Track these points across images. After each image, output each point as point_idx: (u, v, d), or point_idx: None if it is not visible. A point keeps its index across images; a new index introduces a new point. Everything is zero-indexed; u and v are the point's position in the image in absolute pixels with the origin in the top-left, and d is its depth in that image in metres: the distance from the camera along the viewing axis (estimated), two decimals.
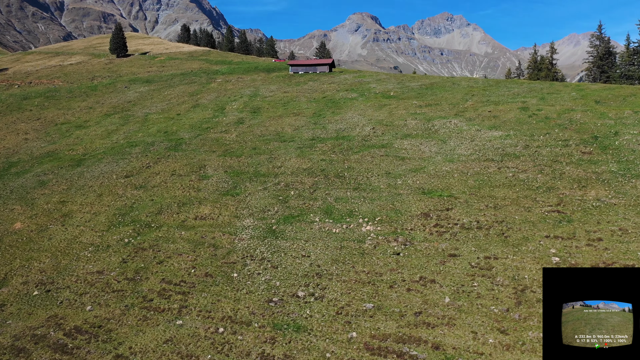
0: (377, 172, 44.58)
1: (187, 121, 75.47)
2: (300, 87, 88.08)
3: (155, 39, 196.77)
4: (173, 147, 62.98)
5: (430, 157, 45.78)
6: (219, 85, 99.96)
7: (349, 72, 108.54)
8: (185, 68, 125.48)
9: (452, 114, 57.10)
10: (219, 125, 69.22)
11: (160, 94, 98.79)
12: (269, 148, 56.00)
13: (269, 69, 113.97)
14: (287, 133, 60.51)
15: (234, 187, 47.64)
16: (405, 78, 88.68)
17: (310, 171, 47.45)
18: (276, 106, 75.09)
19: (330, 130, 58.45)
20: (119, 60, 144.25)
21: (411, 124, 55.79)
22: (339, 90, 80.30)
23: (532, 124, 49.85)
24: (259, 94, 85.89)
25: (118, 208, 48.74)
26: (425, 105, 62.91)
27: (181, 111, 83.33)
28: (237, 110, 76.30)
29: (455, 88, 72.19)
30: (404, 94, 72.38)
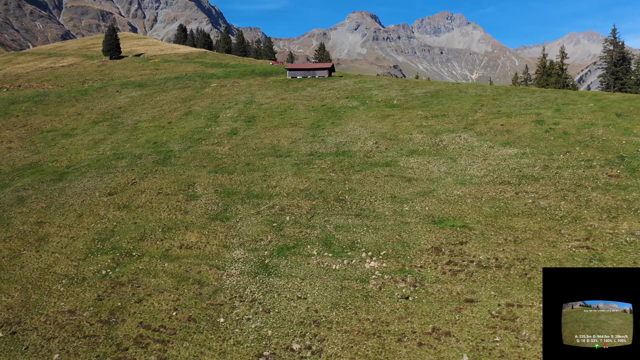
0: (382, 195, 40.50)
1: (178, 131, 71.32)
2: (298, 93, 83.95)
3: (151, 39, 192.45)
4: (161, 161, 58.87)
5: (440, 179, 41.70)
6: (214, 90, 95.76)
7: (349, 76, 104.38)
8: (179, 71, 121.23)
9: (461, 127, 53.01)
10: (212, 136, 65.09)
11: (152, 100, 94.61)
12: (264, 164, 51.91)
13: (266, 72, 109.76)
14: (284, 147, 56.41)
15: (224, 210, 43.53)
16: (409, 84, 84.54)
17: (307, 193, 43.36)
18: (272, 115, 70.95)
19: (330, 144, 54.36)
20: (112, 63, 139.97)
21: (417, 139, 51.70)
22: (339, 98, 76.16)
23: (549, 141, 45.77)
24: (255, 101, 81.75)
25: (98, 232, 44.63)
26: (432, 116, 58.81)
27: (173, 119, 79.18)
28: (231, 119, 72.16)
29: (463, 96, 68.09)
30: (407, 102, 68.26)
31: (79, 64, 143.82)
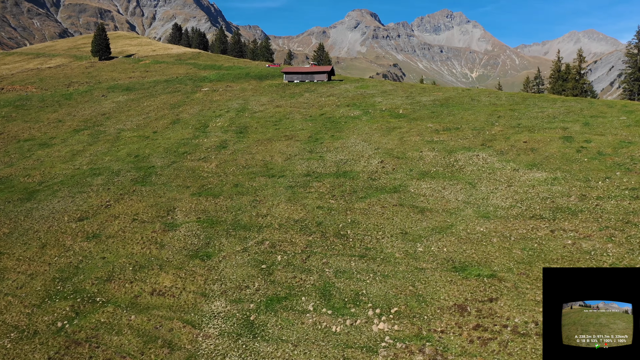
0: (390, 230, 34.33)
1: (162, 142, 65.09)
2: (295, 99, 77.68)
3: (144, 39, 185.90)
4: (141, 179, 52.66)
5: (458, 210, 35.52)
6: (205, 95, 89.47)
7: (350, 80, 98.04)
8: (170, 73, 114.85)
9: (477, 144, 46.81)
10: (198, 150, 58.86)
11: (139, 105, 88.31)
12: (254, 186, 45.70)
13: (262, 75, 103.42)
14: (277, 164, 50.21)
15: (205, 244, 37.35)
16: (415, 90, 78.25)
17: (303, 225, 37.17)
18: (266, 125, 64.72)
19: (329, 163, 48.15)
20: (100, 64, 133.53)
21: (428, 157, 45.50)
22: (339, 106, 69.90)
23: (583, 163, 39.59)
24: (248, 108, 75.48)
25: (61, 268, 38.45)
26: (443, 129, 52.60)
27: (158, 128, 72.92)
28: (221, 129, 65.91)
29: (476, 105, 61.89)
30: (415, 112, 62.04)
31: (66, 65, 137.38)
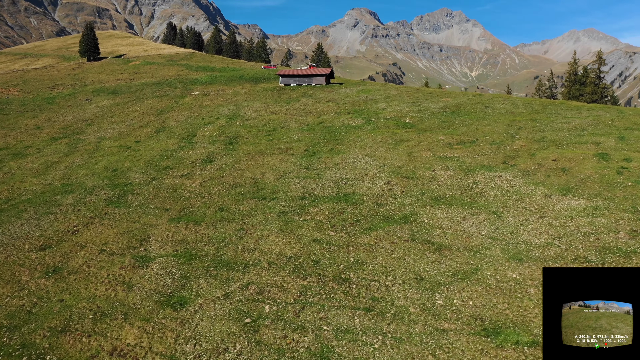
0: (402, 274, 28.31)
1: (144, 153, 59.01)
2: (291, 105, 71.58)
3: (137, 38, 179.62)
4: (116, 199, 46.59)
5: (483, 247, 29.49)
6: (195, 100, 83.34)
7: (351, 83, 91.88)
8: (160, 75, 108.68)
9: (498, 162, 40.75)
10: (182, 164, 52.78)
11: (124, 111, 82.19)
12: (242, 210, 39.63)
13: (256, 78, 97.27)
14: (269, 183, 44.14)
15: (181, 287, 31.30)
16: (421, 95, 72.14)
17: (297, 264, 31.14)
18: (258, 135, 58.66)
19: (328, 182, 42.08)
20: (88, 65, 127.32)
21: (442, 178, 39.44)
22: (338, 113, 63.82)
23: (627, 188, 33.57)
24: (240, 115, 69.38)
25: (11, 313, 32.34)
26: (457, 143, 46.54)
27: (142, 137, 66.82)
28: (209, 140, 59.83)
29: (491, 114, 55.84)
30: (423, 121, 55.99)
31: (53, 66, 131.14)
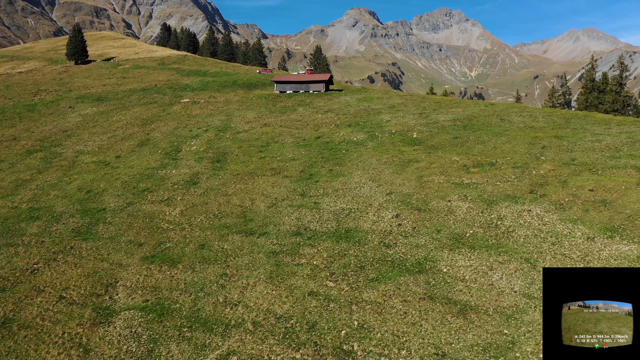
0: (418, 348, 22.56)
1: (123, 171, 53.24)
2: (286, 116, 65.76)
3: (129, 40, 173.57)
4: (85, 229, 40.83)
5: (518, 310, 23.73)
6: (183, 108, 77.51)
7: (351, 90, 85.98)
8: (149, 81, 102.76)
9: (525, 190, 35.00)
10: (163, 186, 46.99)
11: (108, 120, 76.37)
12: (226, 249, 33.87)
13: (250, 84, 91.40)
14: (259, 213, 38.38)
15: (147, 354, 25.53)
16: (428, 105, 66.31)
17: (288, 327, 25.38)
18: (249, 151, 52.89)
19: (327, 214, 36.33)
20: (76, 69, 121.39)
21: (460, 210, 33.70)
22: (338, 126, 58.04)
23: None
24: (231, 127, 63.56)
25: None
26: (474, 164, 40.79)
27: (123, 151, 61.05)
28: (195, 156, 54.05)
29: (508, 128, 50.08)
30: (432, 136, 50.24)
31: (39, 69, 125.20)
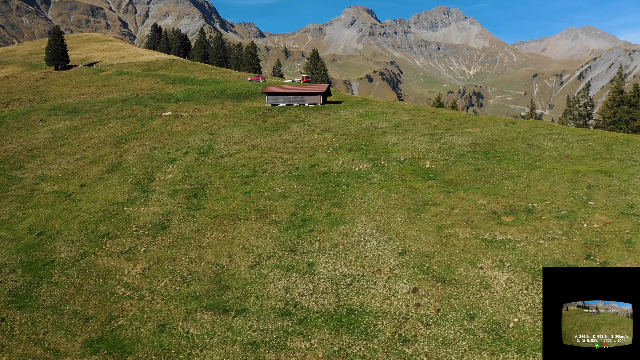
0: None
1: (85, 207, 45.25)
2: (278, 135, 57.74)
3: (115, 42, 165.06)
4: (25, 291, 32.92)
5: None
6: (164, 123, 69.43)
7: (351, 102, 77.75)
8: (131, 89, 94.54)
9: (578, 254, 27.03)
10: (126, 231, 38.98)
11: (79, 137, 68.28)
12: (191, 335, 25.91)
13: (240, 94, 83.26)
14: (237, 277, 30.44)
15: None
16: (439, 122, 58.29)
17: None
18: (232, 183, 44.88)
19: (323, 283, 28.40)
20: (55, 75, 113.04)
21: (497, 284, 25.77)
22: (337, 150, 50.05)
23: None
24: (214, 149, 55.53)
25: None
26: (506, 211, 32.86)
27: (89, 178, 53.03)
28: (170, 188, 46.03)
29: (539, 158, 42.14)
30: (449, 166, 42.30)
31: (16, 76, 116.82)
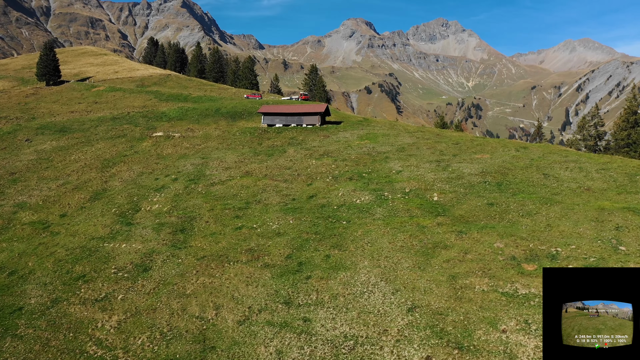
0: None
1: (63, 241, 41.58)
2: (274, 160, 54.28)
3: (111, 56, 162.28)
4: None
5: None
6: (154, 145, 65.98)
7: (351, 123, 74.37)
8: (123, 107, 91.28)
9: None
10: (104, 272, 35.27)
11: (65, 160, 64.77)
12: None
13: (235, 113, 79.96)
14: (224, 335, 26.72)
15: None
16: (445, 146, 54.88)
17: None
18: (223, 217, 41.27)
19: (321, 347, 24.69)
20: (46, 91, 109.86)
21: (523, 353, 22.10)
22: (337, 178, 46.53)
23: None
24: (205, 175, 52.02)
25: None
26: (526, 256, 29.28)
27: (70, 207, 49.43)
28: (155, 221, 42.40)
29: (557, 191, 38.66)
30: (459, 199, 38.79)
31: (6, 91, 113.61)
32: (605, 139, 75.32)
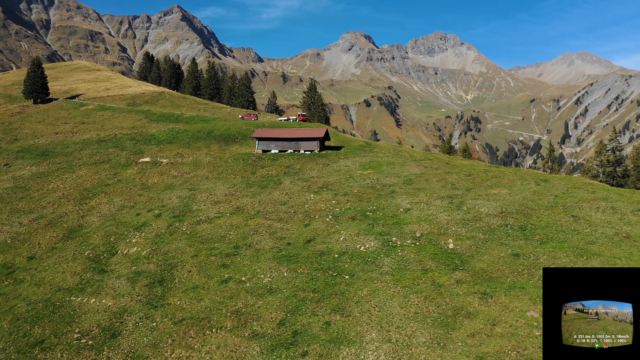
0: None
1: (25, 292, 36.42)
2: (268, 194, 49.28)
3: (104, 72, 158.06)
4: None
5: None
6: (139, 173, 61.00)
7: (352, 149, 69.44)
8: (110, 128, 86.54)
9: None
10: (65, 338, 30.04)
11: (42, 189, 59.74)
12: None
13: (228, 136, 75.16)
14: None
15: None
16: (457, 177, 50.00)
17: None
18: (208, 265, 36.17)
19: None
20: (32, 109, 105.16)
21: None
22: (337, 218, 41.52)
23: None
24: (191, 210, 46.99)
25: None
26: None
27: (40, 248, 44.27)
28: (131, 269, 37.28)
29: (591, 237, 33.73)
30: (478, 248, 33.79)
31: None
32: (622, 165, 70.71)
